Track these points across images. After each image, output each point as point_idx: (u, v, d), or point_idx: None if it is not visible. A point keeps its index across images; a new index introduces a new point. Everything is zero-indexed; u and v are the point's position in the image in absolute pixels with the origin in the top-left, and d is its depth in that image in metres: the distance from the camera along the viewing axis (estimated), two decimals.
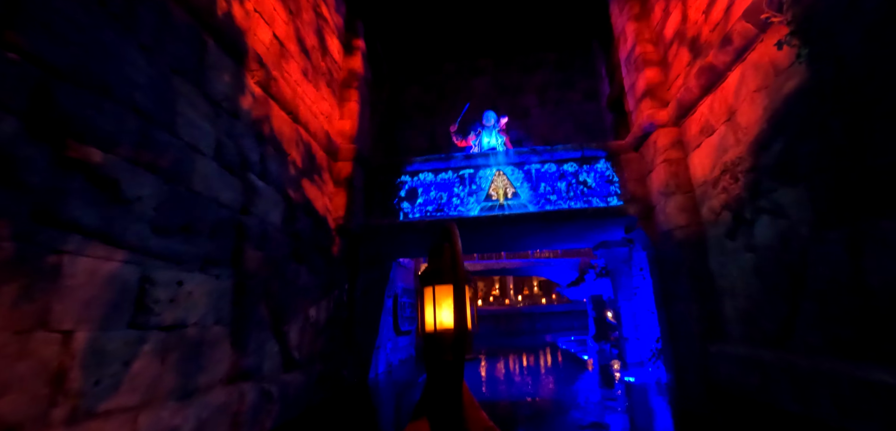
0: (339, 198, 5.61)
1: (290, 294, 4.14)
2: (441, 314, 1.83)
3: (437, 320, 1.82)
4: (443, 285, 1.85)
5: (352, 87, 6.21)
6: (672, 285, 5.07)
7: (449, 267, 1.86)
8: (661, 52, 5.46)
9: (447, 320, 1.82)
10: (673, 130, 5.16)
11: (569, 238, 6.66)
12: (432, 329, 1.81)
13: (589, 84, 8.40)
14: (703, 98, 4.55)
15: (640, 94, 5.57)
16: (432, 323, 1.83)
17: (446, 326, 1.81)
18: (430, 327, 1.82)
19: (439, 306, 1.84)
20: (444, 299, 1.84)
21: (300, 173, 4.70)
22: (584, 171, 5.87)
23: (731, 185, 4.15)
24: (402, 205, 6.07)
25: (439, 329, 1.81)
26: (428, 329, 1.83)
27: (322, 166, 5.35)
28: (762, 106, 3.69)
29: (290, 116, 4.53)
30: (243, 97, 3.73)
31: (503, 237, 6.42)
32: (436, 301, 1.85)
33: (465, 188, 6.05)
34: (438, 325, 1.82)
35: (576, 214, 5.60)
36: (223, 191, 3.25)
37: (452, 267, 1.76)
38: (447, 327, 1.81)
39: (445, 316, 1.82)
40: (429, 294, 1.88)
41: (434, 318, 1.83)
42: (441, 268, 1.88)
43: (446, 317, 1.82)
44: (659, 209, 5.26)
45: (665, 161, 5.09)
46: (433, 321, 1.83)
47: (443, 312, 1.83)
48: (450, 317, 1.80)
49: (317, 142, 5.19)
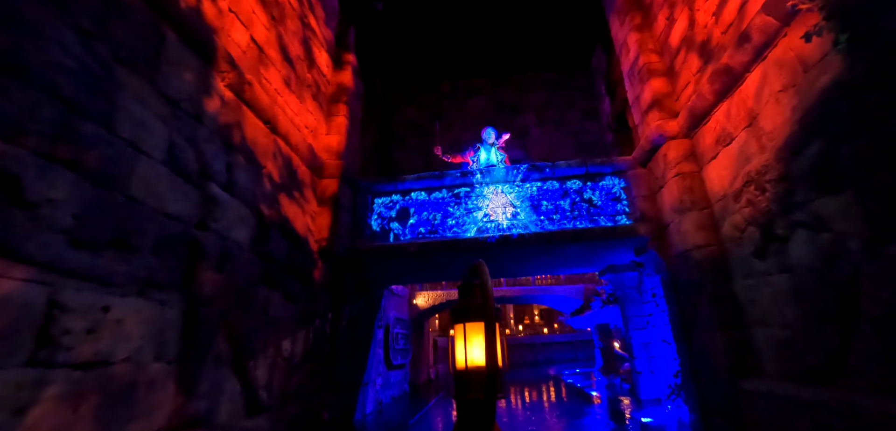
0: (323, 218, 5.14)
1: (258, 325, 3.60)
2: (472, 351, 1.84)
3: (468, 357, 1.83)
4: (474, 322, 1.87)
5: (340, 101, 5.87)
6: (692, 312, 4.53)
7: (479, 304, 1.89)
8: (667, 62, 5.15)
9: (478, 357, 1.83)
10: (684, 142, 4.77)
11: (573, 262, 6.15)
12: (463, 367, 1.83)
13: (588, 103, 8.14)
14: (718, 104, 4.18)
15: (646, 105, 5.22)
16: (463, 361, 1.84)
17: (478, 364, 1.82)
18: (462, 364, 1.84)
19: (470, 343, 1.86)
20: (474, 336, 1.86)
21: (277, 188, 4.26)
22: (589, 188, 5.45)
23: (757, 197, 3.70)
24: (392, 226, 5.60)
25: (470, 367, 1.82)
26: (459, 367, 1.85)
27: (304, 183, 4.91)
28: (790, 107, 3.30)
29: (267, 126, 4.13)
30: (209, 99, 3.33)
31: (503, 261, 5.91)
32: (466, 338, 1.87)
33: (460, 208, 5.60)
34: (469, 363, 1.83)
35: (581, 234, 5.13)
36: (174, 201, 2.79)
37: (483, 304, 1.77)
38: (479, 365, 1.81)
39: (476, 354, 1.83)
40: (459, 332, 1.90)
41: (465, 355, 1.84)
42: (471, 305, 1.91)
43: (477, 355, 1.83)
44: (673, 228, 4.79)
45: (677, 175, 4.67)
46: (464, 358, 1.84)
47: (474, 349, 1.84)
48: (481, 355, 1.82)
49: (298, 156, 4.78)
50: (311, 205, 5.03)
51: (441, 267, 6.08)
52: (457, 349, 1.89)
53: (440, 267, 6.06)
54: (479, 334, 1.84)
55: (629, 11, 5.65)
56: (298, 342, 4.30)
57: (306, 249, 4.74)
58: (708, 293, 4.24)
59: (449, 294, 11.63)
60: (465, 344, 1.85)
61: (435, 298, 11.48)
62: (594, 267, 6.78)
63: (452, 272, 6.64)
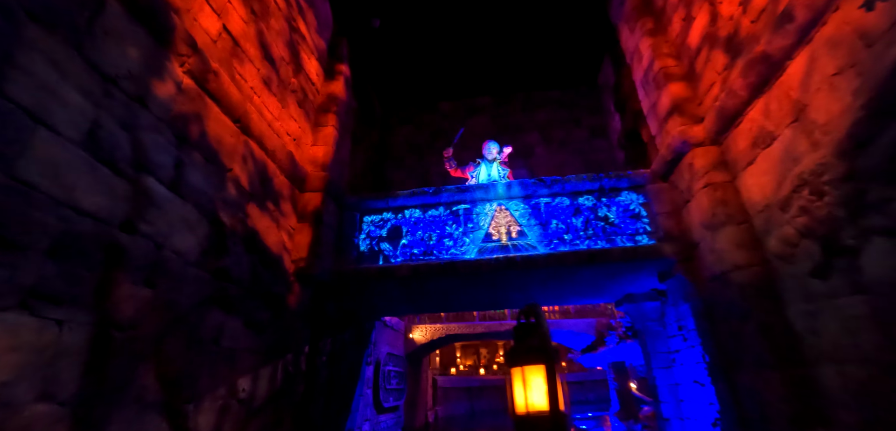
0: (303, 236, 4.54)
1: (205, 357, 2.92)
2: (532, 395, 1.85)
3: (528, 402, 1.84)
4: (533, 364, 1.90)
5: (330, 111, 5.42)
6: (734, 346, 3.79)
7: (537, 345, 1.97)
8: (686, 65, 4.68)
9: (539, 401, 1.83)
10: (712, 149, 4.20)
11: (588, 289, 5.44)
12: (524, 412, 1.84)
13: (596, 121, 7.69)
14: (752, 101, 3.63)
15: (664, 112, 4.71)
16: (523, 405, 1.85)
17: (539, 409, 1.81)
18: (522, 409, 1.85)
19: (529, 386, 1.87)
20: (534, 379, 1.87)
21: (245, 196, 3.69)
22: (604, 205, 4.84)
23: (813, 203, 3.07)
24: (381, 246, 4.97)
25: (531, 412, 1.82)
26: (519, 412, 1.85)
27: (281, 194, 4.35)
28: (849, 91, 2.74)
29: (236, 124, 3.62)
30: (161, 84, 2.83)
31: (507, 287, 5.22)
32: (526, 382, 1.88)
33: (459, 227, 4.98)
34: (530, 407, 1.83)
35: (597, 255, 4.47)
36: (91, 193, 2.21)
37: (542, 345, 1.92)
38: (540, 410, 1.81)
39: (537, 398, 1.84)
40: (517, 375, 1.91)
41: (525, 400, 1.86)
42: (529, 347, 1.97)
43: (538, 399, 1.84)
44: (704, 247, 4.13)
45: (707, 186, 4.07)
46: (524, 403, 1.85)
47: (533, 393, 1.85)
48: (542, 399, 1.83)
49: (276, 163, 4.25)
50: (288, 220, 4.45)
51: (437, 295, 5.38)
52: (515, 393, 1.89)
53: (436, 295, 5.36)
54: (539, 376, 1.86)
55: (640, 17, 5.26)
56: (262, 380, 3.58)
57: (279, 269, 4.10)
58: (755, 323, 3.52)
59: (448, 328, 10.73)
60: (525, 388, 1.84)
61: (434, 331, 10.59)
62: (610, 296, 6.04)
63: (451, 302, 5.92)
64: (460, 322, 11.02)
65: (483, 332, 11.05)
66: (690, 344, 5.14)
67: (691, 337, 5.10)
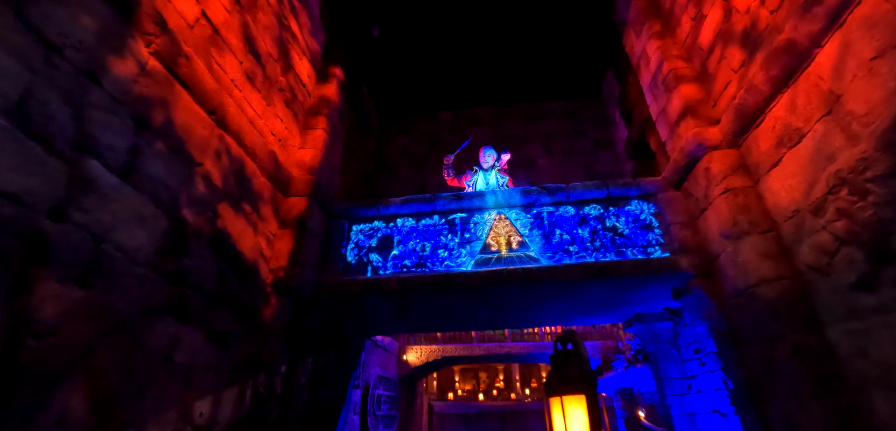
0: (284, 243, 4.17)
1: (152, 374, 2.50)
2: (572, 426, 1.81)
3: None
4: (573, 394, 1.90)
5: (320, 114, 5.14)
6: (764, 372, 3.34)
7: (577, 374, 1.98)
8: (697, 66, 4.41)
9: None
10: (730, 152, 3.87)
11: (596, 307, 5.00)
12: None
13: (601, 133, 7.43)
14: (776, 97, 3.32)
15: (676, 115, 4.40)
16: None
17: None
18: None
19: (570, 417, 1.83)
20: (574, 410, 1.84)
21: (218, 194, 3.34)
22: (612, 215, 4.47)
23: (855, 204, 2.71)
24: (370, 257, 4.59)
25: None
26: None
27: (261, 197, 4.00)
28: (893, 75, 2.42)
29: (210, 116, 3.32)
30: (119, 61, 2.53)
31: (506, 304, 4.79)
32: (565, 412, 1.84)
33: (455, 237, 4.61)
34: None
35: (606, 269, 4.07)
36: (10, 171, 1.86)
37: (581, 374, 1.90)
38: None
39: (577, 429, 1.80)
40: (556, 405, 1.92)
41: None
42: (568, 375, 1.97)
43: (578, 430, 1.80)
44: (725, 260, 3.73)
45: (726, 192, 3.72)
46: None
47: (574, 425, 1.81)
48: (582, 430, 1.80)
49: (256, 163, 3.92)
50: (268, 225, 4.09)
51: (429, 312, 4.95)
52: (555, 423, 1.89)
53: (428, 311, 4.94)
54: (580, 407, 1.83)
55: (647, 20, 5.04)
56: (225, 403, 3.14)
57: (254, 278, 3.71)
58: (788, 345, 3.10)
59: (445, 349, 10.13)
60: (564, 419, 1.82)
61: (429, 353, 10.00)
62: (619, 316, 5.60)
63: (445, 320, 5.48)
64: (458, 344, 10.45)
65: (482, 355, 10.46)
66: (709, 369, 4.67)
67: (710, 361, 4.64)
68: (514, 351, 10.34)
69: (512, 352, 10.34)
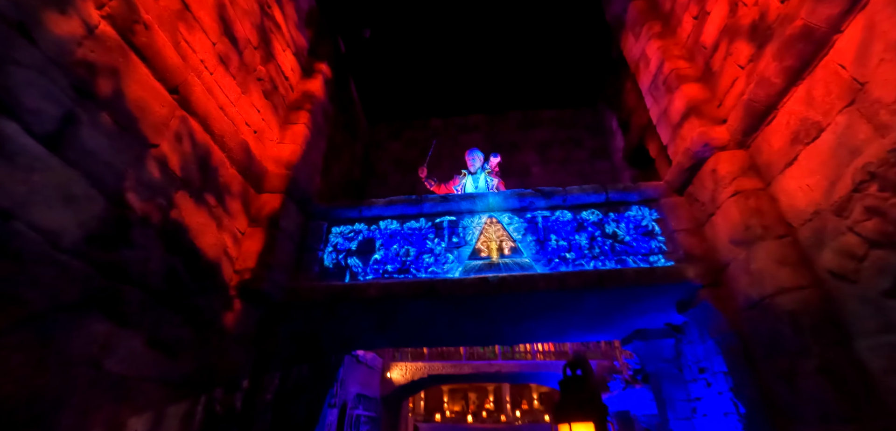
0: (253, 242, 3.78)
1: (74, 380, 2.08)
2: None
3: None
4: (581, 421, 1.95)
5: (303, 108, 4.84)
6: (785, 394, 2.98)
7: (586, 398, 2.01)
8: (701, 65, 4.19)
9: None
10: (738, 153, 3.62)
11: (593, 320, 4.63)
12: None
13: (598, 141, 7.22)
14: (790, 89, 3.07)
15: (678, 116, 4.16)
16: None
17: None
18: None
19: None
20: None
21: (175, 181, 2.98)
22: (612, 220, 4.17)
23: (888, 201, 2.42)
24: (349, 262, 4.21)
25: None
26: None
27: (229, 190, 3.64)
28: None
29: (170, 93, 2.99)
30: (60, 17, 2.21)
31: (496, 316, 4.41)
32: None
33: (442, 241, 4.26)
34: None
35: (607, 278, 3.72)
36: None
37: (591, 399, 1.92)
38: None
39: None
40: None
41: None
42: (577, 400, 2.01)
43: None
44: (737, 268, 3.42)
45: (736, 194, 3.43)
46: None
47: None
48: None
49: (225, 152, 3.58)
50: (236, 221, 3.71)
51: (412, 323, 4.55)
52: None
53: (411, 322, 4.53)
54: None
55: (646, 21, 4.86)
56: (169, 420, 2.69)
57: (214, 278, 3.30)
58: (814, 361, 2.75)
59: (432, 367, 9.56)
60: None
61: (415, 371, 9.43)
62: (618, 331, 5.22)
63: (430, 333, 5.06)
64: (445, 362, 9.91)
65: (470, 374, 9.90)
66: (717, 390, 4.29)
67: (717, 382, 4.26)
68: (504, 370, 9.81)
69: (502, 371, 9.81)
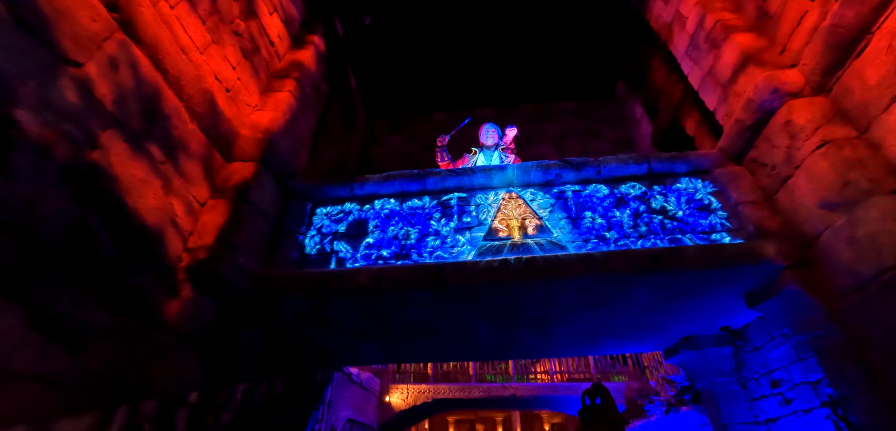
0: (214, 216, 3.02)
1: None
2: None
3: None
4: None
5: (289, 77, 4.19)
6: None
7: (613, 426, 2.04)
8: (751, 13, 3.57)
9: None
10: (816, 99, 2.92)
11: (636, 321, 3.76)
12: None
13: (618, 133, 6.57)
14: (888, 6, 2.41)
15: (731, 70, 3.50)
16: None
17: None
18: None
19: None
20: None
21: (105, 117, 2.27)
22: (658, 194, 3.42)
23: None
24: (336, 246, 3.43)
25: None
26: None
27: (186, 148, 2.92)
28: None
29: (107, 8, 2.33)
30: None
31: (519, 311, 3.56)
32: None
33: (450, 221, 3.50)
34: None
35: (663, 258, 2.93)
36: None
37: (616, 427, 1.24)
38: None
39: None
40: None
41: None
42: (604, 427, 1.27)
43: None
44: (833, 238, 2.65)
45: (826, 146, 2.72)
46: None
47: None
48: None
49: (182, 101, 2.88)
50: (194, 188, 2.96)
51: (412, 323, 3.69)
52: None
53: (410, 322, 3.67)
54: None
55: None
56: None
57: (154, 252, 2.52)
58: None
59: (437, 390, 8.39)
60: None
61: (418, 395, 8.26)
62: (661, 339, 4.32)
63: (435, 341, 4.17)
64: (452, 384, 8.76)
65: (481, 398, 8.68)
66: (799, 407, 3.39)
67: (800, 397, 3.37)
68: (519, 393, 8.63)
69: (517, 395, 8.63)
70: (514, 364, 9.17)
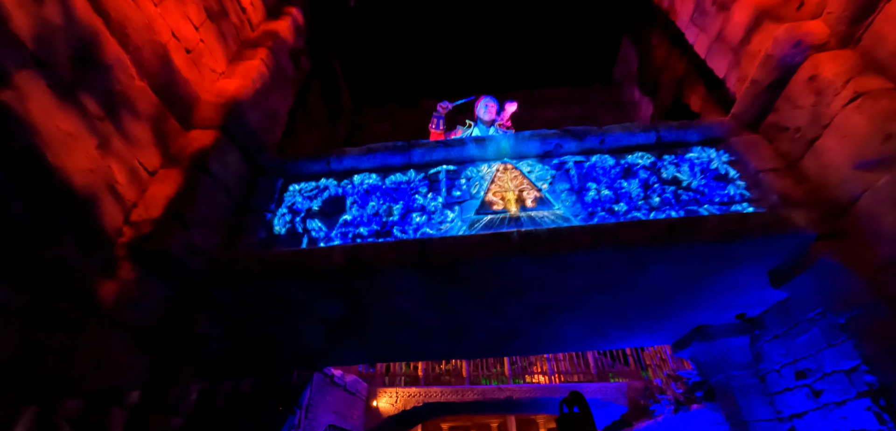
0: (165, 186, 2.62)
1: None
2: None
3: None
4: None
5: (262, 46, 3.82)
6: None
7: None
8: None
9: None
10: (843, 52, 2.63)
11: (646, 307, 3.40)
12: None
13: (616, 117, 6.30)
14: None
15: (744, 30, 3.21)
16: None
17: None
18: None
19: None
20: None
21: (20, 54, 1.88)
22: (670, 164, 3.10)
23: None
24: (309, 225, 3.04)
25: None
26: None
27: (131, 105, 2.53)
28: None
29: None
30: None
31: (520, 296, 3.19)
32: None
33: (438, 195, 3.13)
34: None
35: (680, 228, 2.58)
36: None
37: None
38: None
39: None
40: None
41: None
42: None
43: None
44: (873, 201, 2.34)
45: (860, 98, 2.43)
46: None
47: None
48: None
49: (126, 51, 2.50)
50: (140, 152, 2.56)
51: (395, 319, 3.29)
52: None
53: (394, 318, 3.27)
54: None
55: None
56: None
57: (84, 221, 2.11)
58: None
59: (429, 393, 7.92)
60: None
61: (407, 399, 7.77)
62: (672, 329, 3.96)
63: (420, 335, 3.77)
64: (445, 387, 8.29)
65: (476, 401, 8.20)
66: (831, 400, 3.04)
67: (833, 387, 3.03)
68: (516, 396, 8.17)
69: (513, 397, 8.18)
70: (510, 366, 8.74)
